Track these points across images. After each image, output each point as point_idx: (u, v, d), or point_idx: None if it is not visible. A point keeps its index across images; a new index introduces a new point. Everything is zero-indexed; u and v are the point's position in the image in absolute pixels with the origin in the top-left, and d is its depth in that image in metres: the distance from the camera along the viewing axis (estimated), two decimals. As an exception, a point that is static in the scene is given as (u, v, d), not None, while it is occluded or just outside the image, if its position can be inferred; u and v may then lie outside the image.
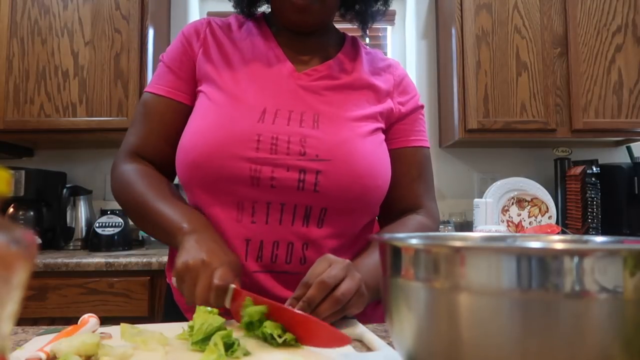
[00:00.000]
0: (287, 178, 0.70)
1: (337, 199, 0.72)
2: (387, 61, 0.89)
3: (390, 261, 0.38)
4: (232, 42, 0.82)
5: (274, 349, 0.51)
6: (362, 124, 0.77)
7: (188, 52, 0.81)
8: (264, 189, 0.70)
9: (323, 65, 0.81)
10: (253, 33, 0.83)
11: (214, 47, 0.81)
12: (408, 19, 2.48)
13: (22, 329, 0.63)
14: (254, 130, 0.71)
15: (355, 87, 0.81)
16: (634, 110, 2.02)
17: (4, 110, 1.92)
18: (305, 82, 0.78)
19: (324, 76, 0.80)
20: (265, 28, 0.84)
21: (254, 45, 0.81)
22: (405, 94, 0.86)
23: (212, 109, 0.75)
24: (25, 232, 0.27)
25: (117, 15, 1.97)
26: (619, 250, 0.30)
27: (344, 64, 0.83)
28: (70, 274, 1.64)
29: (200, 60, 0.80)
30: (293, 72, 0.79)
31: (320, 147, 0.71)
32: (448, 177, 2.37)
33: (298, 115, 0.74)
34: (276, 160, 0.70)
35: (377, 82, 0.83)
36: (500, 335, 0.31)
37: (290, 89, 0.77)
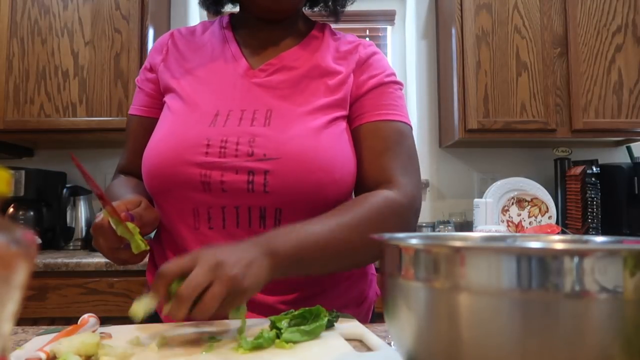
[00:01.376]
0: (236, 181, 0.69)
1: (290, 198, 0.69)
2: (355, 42, 0.84)
3: (390, 261, 0.38)
4: (192, 48, 0.83)
5: (269, 350, 0.51)
6: (318, 116, 0.73)
7: (152, 68, 0.84)
8: (215, 193, 0.70)
9: (277, 58, 0.79)
10: (214, 35, 0.84)
11: (174, 57, 0.83)
12: (408, 19, 2.48)
13: (22, 329, 0.63)
14: (204, 134, 0.71)
15: (313, 76, 0.78)
16: (634, 110, 2.02)
17: (4, 110, 1.92)
18: (260, 78, 0.77)
19: (279, 69, 0.78)
20: (228, 28, 0.85)
21: (213, 48, 0.82)
22: (371, 70, 0.80)
23: (169, 118, 0.76)
24: (25, 232, 0.27)
25: (117, 15, 1.97)
26: (619, 250, 0.30)
27: (304, 53, 0.81)
28: (70, 274, 1.64)
29: (162, 72, 0.82)
30: (248, 69, 0.78)
31: (268, 145, 0.69)
32: (448, 177, 2.37)
33: (250, 114, 0.73)
34: (225, 164, 0.69)
35: (339, 67, 0.79)
36: (500, 335, 0.31)
37: (245, 87, 0.76)
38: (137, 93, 0.86)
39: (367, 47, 0.83)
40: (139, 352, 0.51)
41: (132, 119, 0.86)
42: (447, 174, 2.37)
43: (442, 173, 2.37)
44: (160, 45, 0.86)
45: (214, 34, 0.85)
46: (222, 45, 0.82)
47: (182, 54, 0.83)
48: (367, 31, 2.51)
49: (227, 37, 0.83)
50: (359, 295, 0.82)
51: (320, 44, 0.83)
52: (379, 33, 2.51)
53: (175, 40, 0.85)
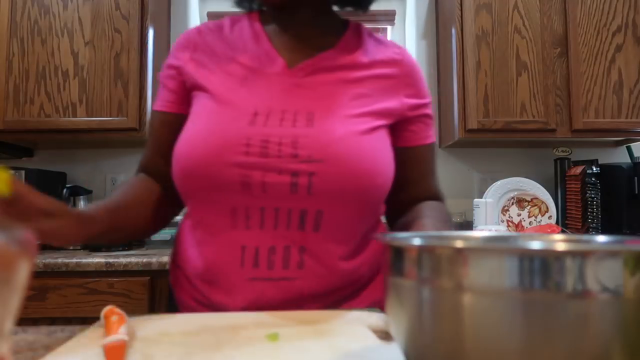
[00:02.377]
0: (279, 182, 0.68)
1: (333, 201, 0.69)
2: (398, 49, 0.84)
3: (391, 261, 0.38)
4: (223, 43, 0.80)
5: (298, 336, 0.52)
6: (361, 120, 0.73)
7: (176, 63, 0.81)
8: (255, 194, 0.68)
9: (317, 58, 0.77)
10: (244, 31, 0.81)
11: (203, 51, 0.80)
12: (408, 19, 2.48)
13: (22, 329, 0.63)
14: (243, 134, 0.69)
15: (355, 80, 0.76)
16: (634, 110, 2.02)
17: (4, 110, 1.92)
18: (298, 78, 0.75)
19: (318, 69, 0.76)
20: (257, 24, 0.82)
21: (245, 44, 0.79)
22: (418, 87, 0.83)
23: (202, 115, 0.74)
24: (25, 232, 0.27)
25: (117, 15, 1.97)
26: (619, 250, 0.30)
27: (343, 53, 0.79)
28: (70, 274, 1.64)
29: (190, 68, 0.79)
30: (285, 68, 0.76)
31: (313, 147, 0.68)
32: (448, 177, 2.37)
33: (291, 115, 0.71)
34: (267, 164, 0.68)
35: (381, 73, 0.79)
36: (502, 335, 0.31)
37: (283, 87, 0.74)
38: (161, 89, 0.83)
39: (407, 58, 0.84)
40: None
41: (154, 115, 0.83)
42: (447, 174, 2.37)
43: (442, 173, 2.34)
44: (186, 40, 0.82)
45: (243, 30, 0.82)
46: (255, 41, 0.79)
47: (212, 49, 0.79)
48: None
49: (258, 33, 0.80)
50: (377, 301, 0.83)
51: (359, 44, 0.81)
52: (379, 33, 2.51)
53: (204, 36, 0.81)
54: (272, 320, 0.61)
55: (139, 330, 0.56)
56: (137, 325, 0.58)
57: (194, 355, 0.48)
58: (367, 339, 0.54)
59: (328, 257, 0.71)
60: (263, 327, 0.58)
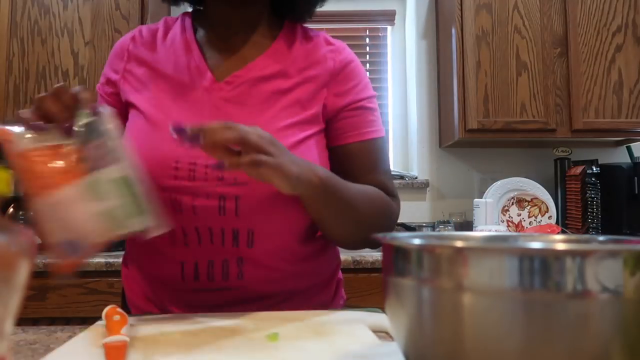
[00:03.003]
0: (208, 206, 0.68)
1: (262, 220, 0.69)
2: (329, 47, 0.80)
3: (391, 261, 0.38)
4: (154, 55, 0.77)
5: (297, 337, 0.52)
6: (290, 134, 0.71)
7: (111, 75, 0.79)
8: (187, 216, 0.69)
9: (245, 69, 0.74)
10: (176, 40, 0.78)
11: (136, 64, 0.77)
12: (408, 19, 2.48)
13: (22, 329, 0.63)
14: (172, 155, 0.68)
15: (283, 90, 0.74)
16: (634, 110, 2.02)
17: (3, 110, 1.92)
18: (226, 92, 0.73)
19: (246, 81, 0.74)
20: (190, 32, 0.79)
21: (176, 57, 0.76)
22: (345, 82, 0.78)
23: (132, 136, 0.72)
24: (25, 232, 0.27)
25: (117, 15, 1.97)
26: (619, 250, 0.30)
27: (272, 61, 0.76)
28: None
29: (122, 83, 0.77)
30: (213, 83, 0.73)
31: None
32: (448, 177, 2.37)
33: None
34: (195, 188, 0.68)
35: (311, 76, 0.76)
36: (502, 335, 0.31)
37: (212, 104, 0.72)
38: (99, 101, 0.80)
39: (341, 54, 0.80)
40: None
41: None
42: (447, 174, 2.37)
43: (442, 173, 2.37)
44: (120, 49, 0.80)
45: (175, 39, 0.78)
46: (186, 53, 0.76)
47: (144, 62, 0.77)
48: (367, 31, 2.51)
49: (190, 43, 0.77)
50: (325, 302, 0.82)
51: (289, 51, 0.78)
52: (379, 33, 2.51)
53: (138, 45, 0.79)
54: (271, 320, 0.61)
55: (139, 330, 0.56)
56: (137, 325, 0.58)
57: (194, 355, 0.48)
58: (367, 339, 0.54)
59: (267, 267, 0.72)
60: (263, 327, 0.58)
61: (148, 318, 0.63)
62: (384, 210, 0.75)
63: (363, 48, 2.52)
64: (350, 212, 0.70)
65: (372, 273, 1.68)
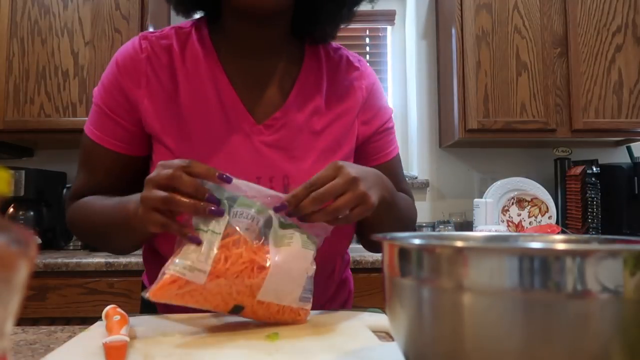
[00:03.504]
0: None
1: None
2: (355, 72, 0.80)
3: (392, 261, 0.38)
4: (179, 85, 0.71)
5: (297, 336, 0.52)
6: None
7: (128, 96, 0.70)
8: None
9: (283, 110, 0.72)
10: (200, 65, 0.72)
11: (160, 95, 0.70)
12: (408, 19, 2.48)
13: (22, 329, 0.63)
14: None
15: (320, 130, 0.74)
16: (634, 110, 2.02)
17: (4, 110, 1.92)
18: (267, 136, 0.71)
19: (285, 124, 0.72)
20: (212, 54, 0.73)
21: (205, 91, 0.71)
22: (372, 108, 0.80)
23: None
24: (25, 232, 0.27)
25: (117, 15, 1.97)
26: (619, 250, 0.30)
27: (306, 93, 0.75)
28: (70, 274, 1.64)
29: (147, 112, 0.70)
30: (253, 126, 0.71)
31: None
32: (448, 177, 2.37)
33: (267, 180, 0.69)
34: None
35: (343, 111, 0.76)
36: (502, 335, 0.31)
37: (254, 149, 0.70)
38: (105, 119, 0.72)
39: (366, 79, 0.81)
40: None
41: (97, 148, 0.73)
42: (447, 174, 2.37)
43: (442, 173, 2.37)
44: (134, 68, 0.71)
45: (198, 63, 0.72)
46: (214, 84, 0.71)
47: (167, 91, 0.70)
48: (367, 31, 2.51)
49: (216, 72, 0.72)
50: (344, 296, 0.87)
51: (319, 81, 0.76)
52: (379, 33, 2.51)
53: (155, 70, 0.71)
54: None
55: (139, 330, 0.56)
56: (137, 325, 0.58)
57: (194, 355, 0.48)
58: (367, 339, 0.54)
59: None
60: (263, 327, 0.58)
61: (148, 318, 0.63)
62: (413, 208, 0.83)
63: (363, 48, 2.52)
64: (398, 215, 0.74)
65: (372, 273, 1.68)
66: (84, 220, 0.73)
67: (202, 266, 0.53)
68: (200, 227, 0.55)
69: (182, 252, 0.54)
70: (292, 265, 0.57)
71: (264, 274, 0.55)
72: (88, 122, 0.75)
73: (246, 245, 0.55)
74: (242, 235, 0.56)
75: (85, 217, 0.73)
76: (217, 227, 0.55)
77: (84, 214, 0.73)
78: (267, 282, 0.55)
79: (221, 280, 0.53)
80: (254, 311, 0.57)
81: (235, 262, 0.54)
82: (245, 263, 0.54)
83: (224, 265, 0.53)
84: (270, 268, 0.55)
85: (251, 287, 0.55)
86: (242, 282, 0.54)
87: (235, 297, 0.55)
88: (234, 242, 0.55)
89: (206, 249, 0.54)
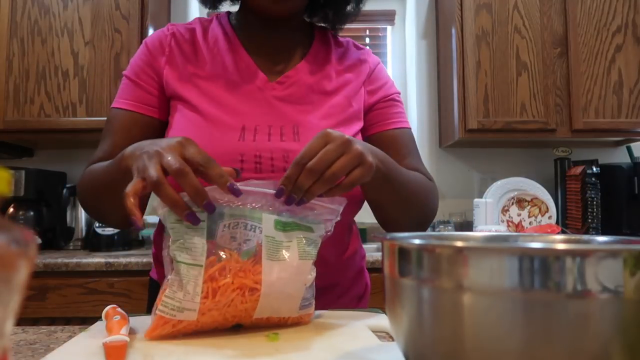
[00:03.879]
0: None
1: None
2: (360, 52, 0.87)
3: (392, 261, 0.38)
4: (198, 53, 0.79)
5: (299, 336, 0.52)
6: (343, 130, 0.75)
7: (153, 65, 0.78)
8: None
9: (294, 70, 0.79)
10: (219, 40, 0.80)
11: (180, 60, 0.78)
12: (408, 19, 2.48)
13: (22, 329, 0.63)
14: (237, 149, 0.70)
15: (331, 90, 0.79)
16: (634, 110, 2.02)
17: (4, 110, 1.92)
18: (279, 92, 0.77)
19: (296, 82, 0.78)
20: (232, 33, 0.81)
21: (223, 57, 0.79)
22: (376, 81, 0.85)
23: (189, 130, 0.72)
24: (25, 232, 0.27)
25: (117, 15, 1.97)
26: (619, 250, 0.30)
27: (316, 63, 0.81)
28: (70, 274, 1.64)
29: (168, 75, 0.77)
30: (266, 82, 0.77)
31: None
32: (448, 177, 2.37)
33: (278, 129, 0.73)
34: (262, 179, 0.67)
35: (351, 78, 0.82)
36: (502, 335, 0.31)
37: (266, 101, 0.76)
38: (130, 87, 0.78)
39: (371, 56, 0.87)
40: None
41: (121, 113, 0.77)
42: (447, 174, 2.37)
43: (442, 173, 2.37)
44: (160, 43, 0.79)
45: (218, 39, 0.81)
46: (231, 53, 0.79)
47: (188, 59, 0.78)
48: (367, 31, 2.51)
49: (234, 44, 0.80)
50: (361, 289, 0.88)
51: (328, 56, 0.83)
52: (379, 33, 2.51)
53: (179, 42, 0.79)
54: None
55: (139, 330, 0.56)
56: (138, 325, 0.58)
57: (194, 355, 0.48)
58: (367, 339, 0.54)
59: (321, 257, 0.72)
60: (263, 327, 0.58)
61: (148, 318, 0.63)
62: (430, 191, 0.79)
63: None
64: (404, 193, 0.72)
65: (372, 273, 1.67)
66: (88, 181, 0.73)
67: (190, 305, 0.51)
68: (181, 260, 0.52)
69: (168, 288, 0.52)
70: (287, 281, 0.55)
71: (256, 296, 0.53)
72: (116, 98, 0.80)
73: (234, 270, 0.52)
74: (228, 258, 0.53)
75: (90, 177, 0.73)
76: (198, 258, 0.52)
77: (89, 176, 0.73)
78: (261, 302, 0.54)
79: (213, 312, 0.53)
80: (255, 324, 0.57)
81: (224, 293, 0.52)
82: (235, 290, 0.52)
83: (212, 300, 0.52)
84: (262, 289, 0.53)
85: (246, 310, 0.54)
86: (235, 308, 0.53)
87: (232, 320, 0.55)
88: (220, 271, 0.52)
89: (191, 287, 0.51)
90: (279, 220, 0.56)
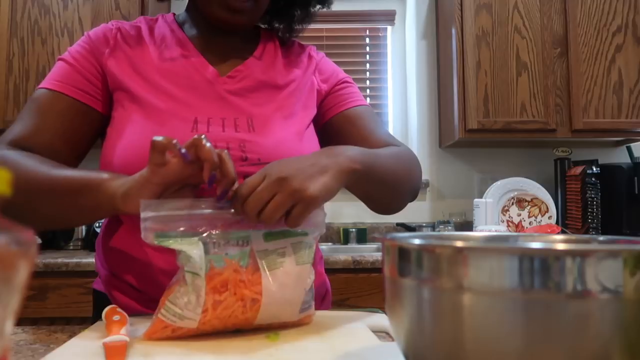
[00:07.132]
0: None
1: None
2: (304, 49, 0.89)
3: (392, 261, 0.38)
4: (145, 49, 0.77)
5: (299, 336, 0.52)
6: (294, 121, 0.77)
7: (96, 55, 0.75)
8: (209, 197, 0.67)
9: (244, 65, 0.79)
10: (167, 37, 0.79)
11: (125, 54, 0.76)
12: (408, 19, 2.48)
13: (22, 329, 0.63)
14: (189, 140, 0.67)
15: (282, 84, 0.80)
16: (634, 110, 2.02)
17: (4, 110, 1.92)
18: (230, 85, 0.76)
19: (249, 76, 0.78)
20: (179, 31, 0.80)
21: (171, 52, 0.77)
22: (325, 71, 0.87)
23: (138, 122, 0.70)
24: (25, 232, 0.27)
25: (117, 15, 1.97)
26: (619, 250, 0.30)
27: (265, 59, 0.82)
28: (70, 274, 1.63)
29: (112, 68, 0.74)
30: (217, 77, 0.76)
31: (260, 150, 0.70)
32: (448, 177, 2.37)
33: (232, 121, 0.72)
34: None
35: (299, 73, 0.83)
36: (502, 335, 0.31)
37: (218, 95, 0.75)
38: (67, 71, 0.74)
39: (317, 51, 0.90)
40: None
41: (53, 95, 0.73)
42: (447, 174, 2.37)
43: (442, 173, 2.37)
44: (104, 35, 0.76)
45: (165, 36, 0.79)
46: (180, 48, 0.78)
47: (135, 52, 0.76)
48: (367, 31, 2.51)
49: (182, 41, 0.79)
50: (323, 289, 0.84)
51: (276, 52, 0.84)
52: (379, 33, 2.51)
53: (125, 37, 0.77)
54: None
55: (139, 330, 0.56)
56: (138, 325, 0.58)
57: (194, 355, 0.48)
58: (367, 339, 0.54)
59: None
60: (263, 327, 0.58)
61: (148, 318, 0.63)
62: (410, 160, 0.79)
63: (363, 48, 2.51)
64: (390, 179, 0.72)
65: (372, 273, 1.68)
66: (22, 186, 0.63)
67: (191, 315, 0.52)
68: (186, 270, 0.53)
69: (172, 294, 0.53)
70: (286, 288, 0.55)
71: (257, 306, 0.54)
72: (47, 79, 0.76)
73: (235, 281, 0.53)
74: (230, 270, 0.53)
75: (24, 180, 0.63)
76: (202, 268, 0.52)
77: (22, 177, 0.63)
78: (262, 311, 0.54)
79: (214, 322, 0.53)
80: (256, 329, 0.57)
81: (226, 306, 0.52)
82: (237, 301, 0.53)
83: (213, 313, 0.52)
84: (262, 299, 0.54)
85: (247, 319, 0.54)
86: (236, 318, 0.54)
87: (232, 327, 0.55)
88: (222, 283, 0.52)
89: (194, 297, 0.52)
90: (268, 232, 0.57)
